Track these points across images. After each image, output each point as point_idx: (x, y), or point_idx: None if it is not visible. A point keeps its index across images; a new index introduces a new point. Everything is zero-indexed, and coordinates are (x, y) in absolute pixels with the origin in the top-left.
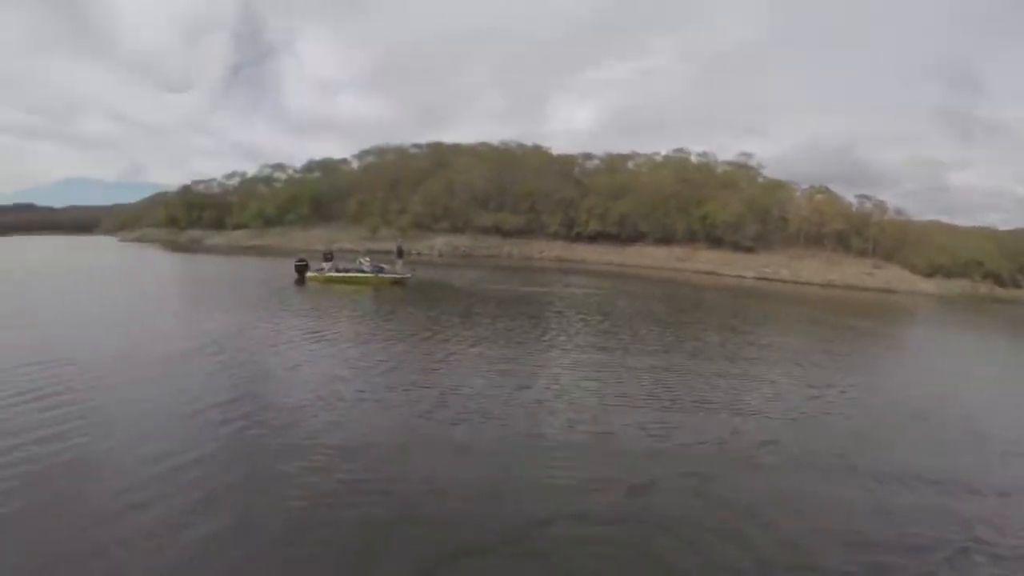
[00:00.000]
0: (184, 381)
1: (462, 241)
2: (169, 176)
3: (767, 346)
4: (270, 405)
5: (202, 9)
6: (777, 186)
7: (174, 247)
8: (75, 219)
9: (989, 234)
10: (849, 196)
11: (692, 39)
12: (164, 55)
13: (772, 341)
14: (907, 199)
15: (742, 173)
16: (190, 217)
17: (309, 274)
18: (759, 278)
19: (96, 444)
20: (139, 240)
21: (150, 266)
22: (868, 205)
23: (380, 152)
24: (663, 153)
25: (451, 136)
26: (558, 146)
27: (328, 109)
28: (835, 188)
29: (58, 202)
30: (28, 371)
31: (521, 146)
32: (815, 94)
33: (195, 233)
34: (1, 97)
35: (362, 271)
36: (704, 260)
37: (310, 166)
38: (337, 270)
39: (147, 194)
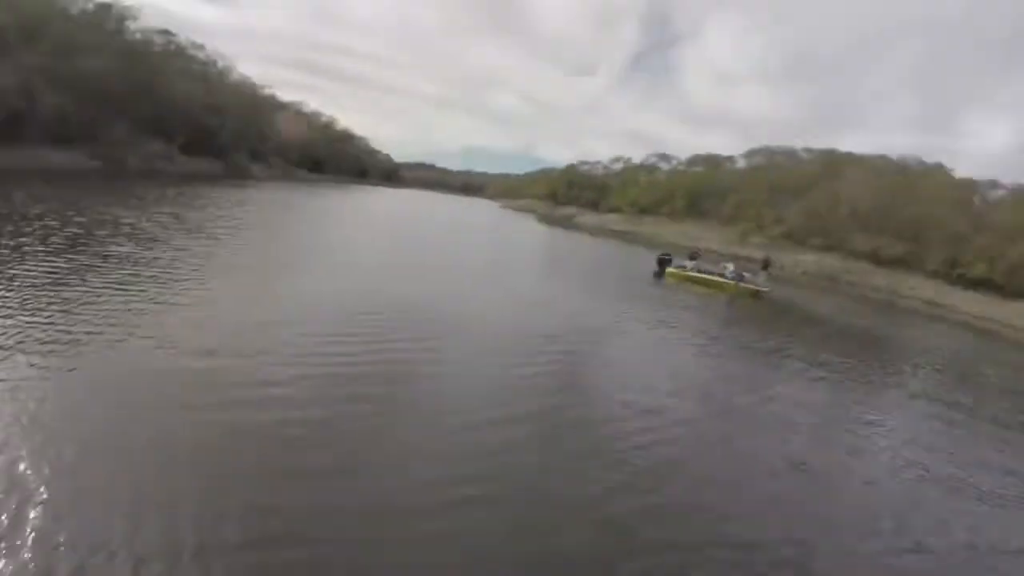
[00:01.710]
0: (527, 348)
1: (830, 262)
2: (558, 153)
3: None
4: (597, 384)
5: None
6: None
7: (548, 220)
8: (466, 181)
9: None
10: None
11: None
12: (574, 40)
13: None
14: None
15: None
16: (569, 195)
17: (669, 269)
18: None
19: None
20: (520, 209)
21: (528, 235)
22: None
23: (769, 153)
24: None
25: (848, 142)
26: (963, 168)
27: (724, 102)
28: None
29: (453, 165)
30: (403, 320)
31: (921, 163)
32: None
33: (570, 210)
34: (421, 71)
35: (723, 276)
36: None
37: (695, 160)
38: (699, 271)
39: (535, 167)
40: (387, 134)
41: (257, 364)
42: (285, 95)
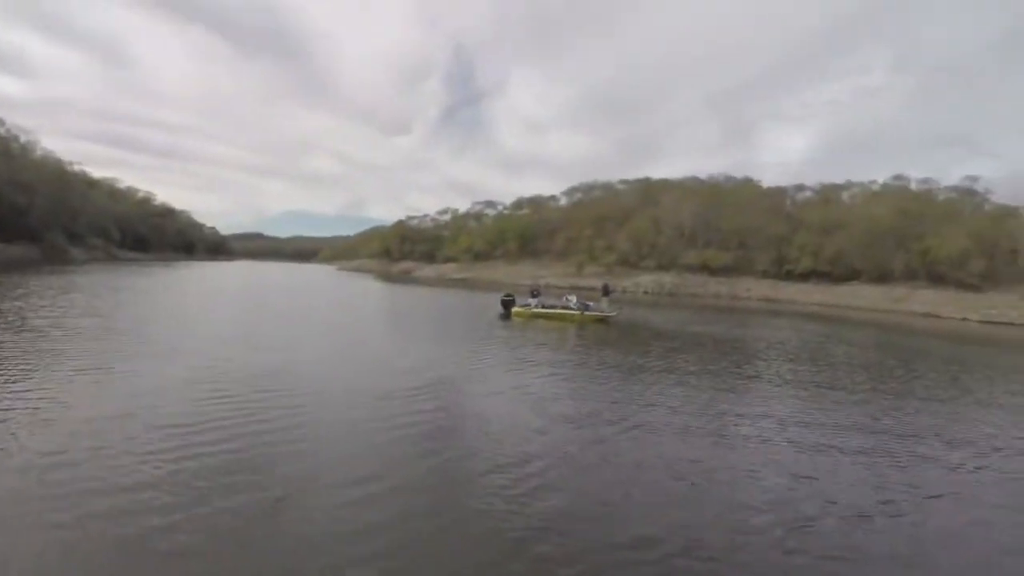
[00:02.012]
0: (391, 409)
1: (668, 279)
2: (386, 210)
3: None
4: (468, 435)
5: (418, 58)
6: (1007, 214)
7: (387, 277)
8: (297, 248)
9: None
10: None
11: (910, 50)
12: (384, 101)
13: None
14: None
15: (967, 200)
16: (403, 250)
17: (515, 309)
18: (984, 321)
19: (303, 466)
20: (356, 269)
21: (367, 294)
22: None
23: (588, 189)
24: (880, 181)
25: (659, 170)
26: (769, 178)
27: (537, 146)
28: None
29: (283, 232)
30: (257, 396)
31: (730, 179)
32: None
33: (407, 265)
34: (238, 140)
35: (568, 308)
36: (923, 300)
37: (519, 203)
38: (543, 306)
39: (365, 227)
40: (210, 206)
41: (113, 467)
42: (98, 171)
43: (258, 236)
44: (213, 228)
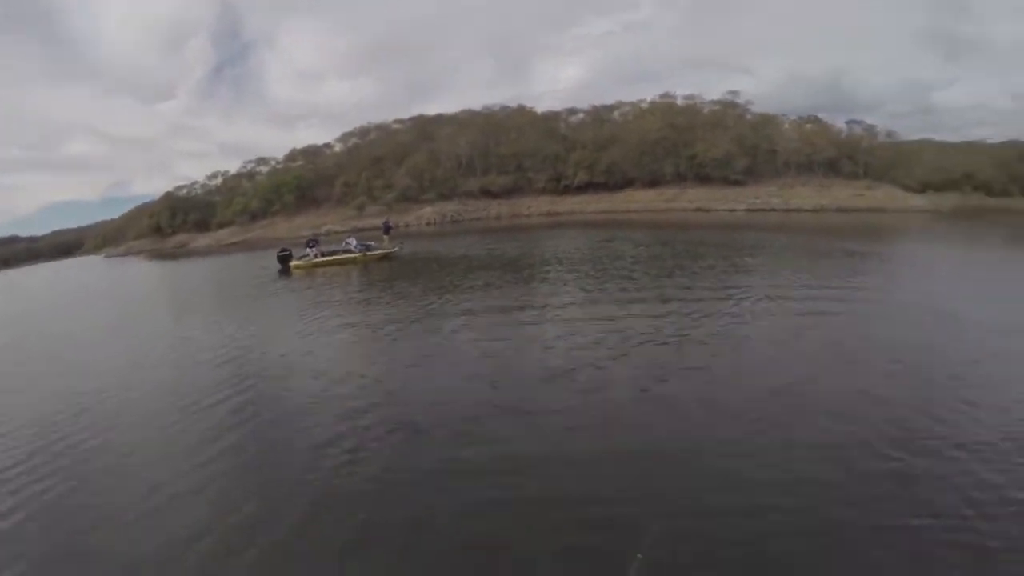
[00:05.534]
0: (183, 395)
1: (450, 208)
2: (155, 185)
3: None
4: (273, 401)
5: (179, 15)
6: (765, 121)
7: (160, 255)
8: (57, 244)
9: (979, 148)
10: (838, 123)
11: None
12: (144, 67)
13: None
14: (895, 121)
15: (729, 112)
16: (174, 223)
17: (293, 263)
18: (750, 209)
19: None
20: (124, 254)
21: (133, 281)
22: (858, 130)
23: (363, 132)
24: (648, 99)
25: (439, 107)
26: (545, 105)
27: (313, 97)
28: (824, 117)
29: (42, 229)
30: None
31: (504, 108)
32: (799, 27)
33: (181, 238)
34: None
35: (348, 251)
36: (693, 197)
37: (292, 155)
38: (322, 254)
39: (133, 207)
40: None
41: None
42: None
43: (12, 239)
44: None
